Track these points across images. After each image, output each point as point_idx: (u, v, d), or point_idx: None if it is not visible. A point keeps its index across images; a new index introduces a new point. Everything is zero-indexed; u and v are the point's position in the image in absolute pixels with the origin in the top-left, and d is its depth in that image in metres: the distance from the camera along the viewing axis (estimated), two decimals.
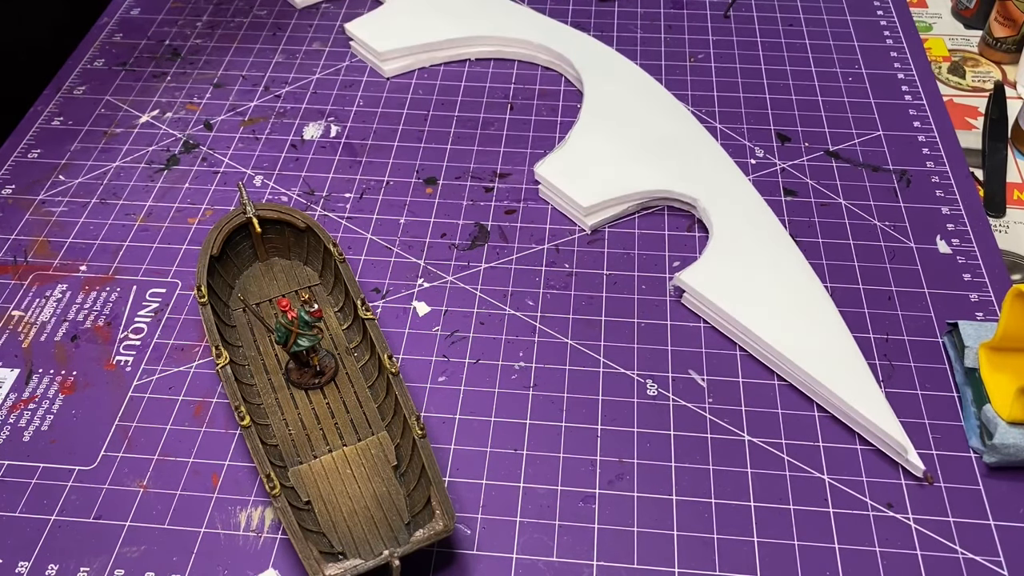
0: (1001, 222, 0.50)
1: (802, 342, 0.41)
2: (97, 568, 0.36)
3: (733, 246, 0.46)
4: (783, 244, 0.46)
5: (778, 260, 0.45)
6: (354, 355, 0.42)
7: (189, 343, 0.44)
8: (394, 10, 0.61)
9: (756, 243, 0.46)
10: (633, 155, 0.50)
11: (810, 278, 0.44)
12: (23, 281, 0.47)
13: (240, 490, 0.38)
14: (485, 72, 0.59)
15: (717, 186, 0.49)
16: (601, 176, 0.49)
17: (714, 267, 0.45)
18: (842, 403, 0.39)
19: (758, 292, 0.43)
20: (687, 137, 0.52)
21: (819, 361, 0.40)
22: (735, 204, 0.48)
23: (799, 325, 0.42)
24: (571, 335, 0.44)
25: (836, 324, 0.42)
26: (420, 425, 0.36)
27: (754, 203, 0.48)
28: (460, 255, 0.48)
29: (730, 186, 0.49)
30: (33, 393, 0.42)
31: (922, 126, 0.54)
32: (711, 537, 0.36)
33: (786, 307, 0.43)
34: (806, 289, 0.43)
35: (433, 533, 0.33)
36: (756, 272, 0.44)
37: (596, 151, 0.51)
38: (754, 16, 0.63)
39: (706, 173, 0.50)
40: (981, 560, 0.35)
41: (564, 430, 0.40)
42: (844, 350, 0.41)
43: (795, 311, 0.43)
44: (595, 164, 0.50)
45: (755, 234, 0.46)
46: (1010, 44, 0.59)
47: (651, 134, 0.52)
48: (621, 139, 0.51)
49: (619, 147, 0.51)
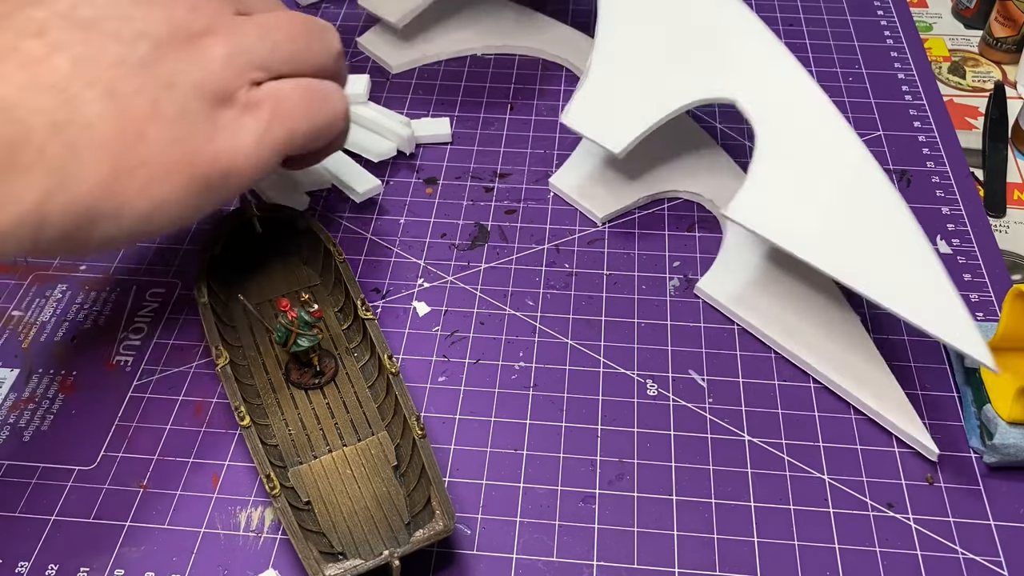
0: (1001, 222, 0.50)
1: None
2: (97, 568, 0.36)
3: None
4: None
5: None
6: (354, 355, 0.42)
7: (189, 343, 0.44)
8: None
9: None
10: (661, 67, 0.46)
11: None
12: (23, 281, 0.47)
13: (240, 490, 0.38)
14: (485, 72, 0.59)
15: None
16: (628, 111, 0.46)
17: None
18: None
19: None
20: None
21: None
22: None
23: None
24: (571, 335, 0.44)
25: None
26: (420, 425, 0.36)
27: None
28: (460, 255, 0.48)
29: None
30: (33, 393, 0.42)
31: (922, 126, 0.54)
32: (711, 537, 0.36)
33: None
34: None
35: (433, 533, 0.33)
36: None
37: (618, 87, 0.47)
38: None
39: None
40: (981, 560, 0.35)
41: (564, 430, 0.40)
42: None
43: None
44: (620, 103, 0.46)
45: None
46: (1010, 44, 0.59)
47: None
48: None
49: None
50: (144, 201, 0.32)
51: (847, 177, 0.40)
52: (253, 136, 0.35)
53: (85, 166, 0.30)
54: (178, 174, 0.33)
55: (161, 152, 0.32)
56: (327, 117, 0.38)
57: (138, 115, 0.32)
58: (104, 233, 0.32)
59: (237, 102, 0.35)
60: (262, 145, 0.35)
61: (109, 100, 0.31)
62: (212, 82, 0.34)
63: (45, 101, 0.30)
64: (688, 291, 0.45)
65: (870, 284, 0.37)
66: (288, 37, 0.37)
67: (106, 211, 0.31)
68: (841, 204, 0.39)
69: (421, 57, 0.59)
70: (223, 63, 0.34)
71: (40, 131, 0.29)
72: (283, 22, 0.37)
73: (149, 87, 0.32)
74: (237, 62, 0.35)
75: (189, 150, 0.33)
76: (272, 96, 0.36)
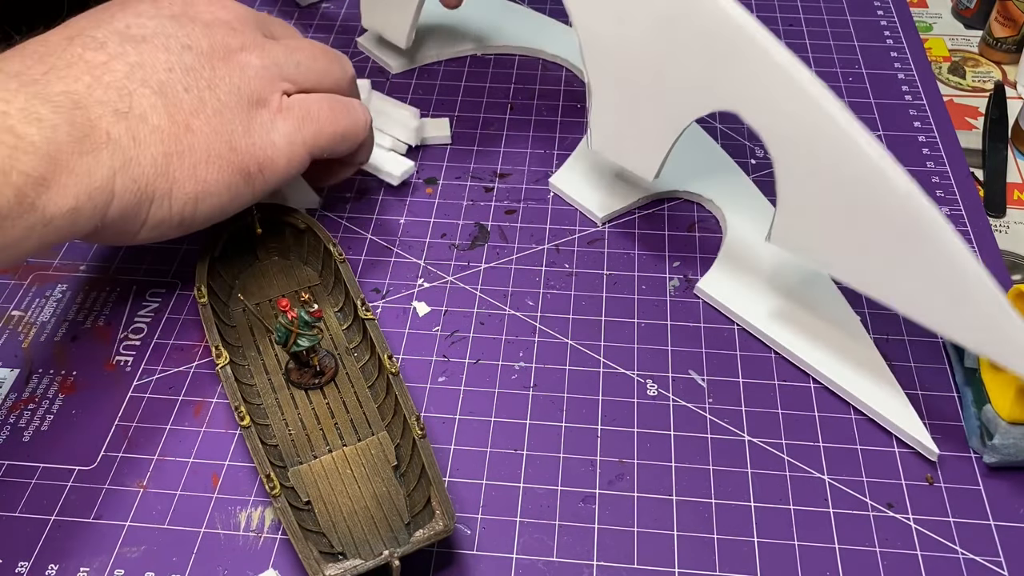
0: (1001, 222, 0.50)
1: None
2: (97, 568, 0.36)
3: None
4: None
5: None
6: (354, 355, 0.42)
7: (189, 343, 0.44)
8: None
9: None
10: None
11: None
12: (23, 281, 0.47)
13: (240, 490, 0.38)
14: (485, 72, 0.59)
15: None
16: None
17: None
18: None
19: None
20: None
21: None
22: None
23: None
24: (571, 335, 0.44)
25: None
26: (420, 425, 0.36)
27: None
28: (460, 255, 0.48)
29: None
30: (33, 393, 0.42)
31: (922, 126, 0.54)
32: (711, 537, 0.36)
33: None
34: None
35: (433, 533, 0.33)
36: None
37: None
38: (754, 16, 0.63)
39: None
40: (981, 560, 0.35)
41: (564, 430, 0.40)
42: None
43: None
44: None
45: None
46: (1010, 44, 0.59)
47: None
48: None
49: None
50: (191, 183, 0.38)
51: (872, 194, 0.36)
52: (285, 134, 0.40)
53: (143, 149, 0.36)
54: (219, 160, 0.38)
55: (205, 141, 0.38)
56: (350, 124, 0.43)
57: (185, 109, 0.38)
58: (158, 213, 0.37)
59: (271, 105, 0.40)
60: (293, 143, 0.41)
61: (160, 96, 0.37)
62: (248, 86, 0.39)
63: (107, 95, 0.36)
64: (688, 291, 0.45)
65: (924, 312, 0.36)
66: (310, 57, 0.43)
67: (161, 190, 0.37)
68: (873, 222, 0.37)
69: (421, 57, 0.59)
70: (257, 72, 0.40)
71: (105, 119, 0.35)
72: (305, 46, 0.43)
73: (194, 88, 0.38)
74: (269, 72, 0.41)
75: (228, 141, 0.38)
76: (301, 103, 0.41)
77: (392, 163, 0.51)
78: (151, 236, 0.38)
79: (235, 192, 0.39)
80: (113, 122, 0.35)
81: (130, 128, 0.36)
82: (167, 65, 0.38)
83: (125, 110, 0.36)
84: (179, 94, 0.38)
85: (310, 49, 0.43)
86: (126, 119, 0.36)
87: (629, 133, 0.45)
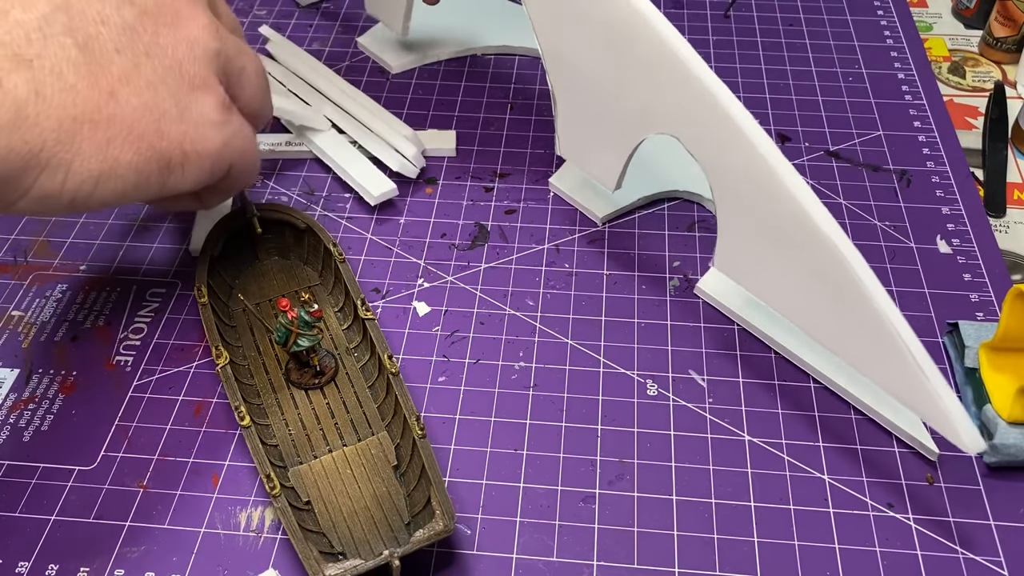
0: (1001, 222, 0.50)
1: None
2: (97, 568, 0.36)
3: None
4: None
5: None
6: (354, 355, 0.42)
7: (189, 343, 0.44)
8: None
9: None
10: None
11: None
12: (23, 281, 0.47)
13: (240, 490, 0.38)
14: (485, 72, 0.59)
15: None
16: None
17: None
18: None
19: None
20: None
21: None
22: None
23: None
24: (571, 335, 0.44)
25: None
26: (420, 425, 0.36)
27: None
28: (460, 255, 0.48)
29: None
30: (33, 393, 0.42)
31: (922, 126, 0.54)
32: (711, 537, 0.36)
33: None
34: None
35: (433, 533, 0.33)
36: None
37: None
38: (754, 16, 0.63)
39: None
40: (981, 560, 0.35)
41: (564, 430, 0.40)
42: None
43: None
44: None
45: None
46: (1010, 44, 0.59)
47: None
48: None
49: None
50: (98, 160, 0.31)
51: (797, 233, 0.36)
52: (222, 135, 0.35)
53: (47, 108, 0.30)
54: (140, 141, 0.32)
55: (129, 115, 0.32)
56: (255, 166, 0.39)
57: (113, 73, 0.31)
58: (46, 185, 0.31)
59: (213, 95, 0.34)
60: (226, 147, 0.35)
61: (84, 52, 0.31)
62: (193, 66, 0.34)
63: (10, 35, 0.29)
64: (688, 291, 0.45)
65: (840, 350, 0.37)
66: (256, 73, 0.38)
67: (58, 159, 0.30)
68: (800, 266, 0.37)
69: (421, 57, 0.59)
70: (206, 52, 0.34)
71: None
72: (255, 57, 0.38)
73: (128, 50, 0.32)
74: (218, 60, 0.35)
75: (158, 122, 0.32)
76: (238, 115, 0.36)
77: (373, 181, 0.49)
78: (30, 209, 0.31)
79: (145, 182, 0.33)
80: (8, 68, 0.29)
81: (34, 79, 0.29)
82: (100, 16, 0.31)
83: (30, 57, 0.29)
84: (109, 54, 0.31)
85: (258, 64, 0.38)
86: (30, 68, 0.29)
87: (590, 143, 0.46)
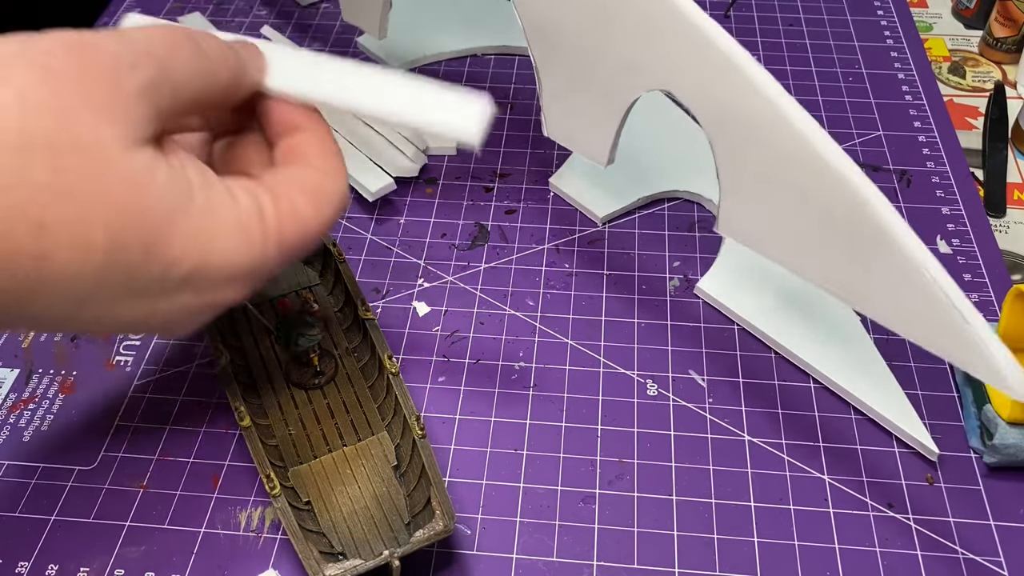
0: (1001, 222, 0.50)
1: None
2: (97, 568, 0.36)
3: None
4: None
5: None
6: (354, 355, 0.42)
7: (189, 343, 0.44)
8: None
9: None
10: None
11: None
12: None
13: (240, 490, 0.38)
14: (485, 72, 0.59)
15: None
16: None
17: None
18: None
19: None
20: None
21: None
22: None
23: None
24: (571, 335, 0.44)
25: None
26: (420, 425, 0.36)
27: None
28: (460, 255, 0.48)
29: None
30: (33, 393, 0.42)
31: (922, 126, 0.54)
32: (711, 537, 0.36)
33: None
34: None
35: (433, 533, 0.33)
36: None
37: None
38: (754, 16, 0.63)
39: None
40: (981, 560, 0.35)
41: (564, 430, 0.40)
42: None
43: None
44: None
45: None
46: (1010, 44, 0.59)
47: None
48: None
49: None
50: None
51: (817, 182, 0.34)
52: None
53: None
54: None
55: None
56: None
57: None
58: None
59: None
60: None
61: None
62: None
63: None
64: (688, 291, 0.45)
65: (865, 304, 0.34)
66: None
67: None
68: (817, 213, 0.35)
69: (421, 57, 0.59)
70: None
71: None
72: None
73: None
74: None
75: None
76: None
77: (371, 177, 0.49)
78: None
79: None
80: None
81: None
82: None
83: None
84: None
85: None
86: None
87: (577, 118, 0.44)
